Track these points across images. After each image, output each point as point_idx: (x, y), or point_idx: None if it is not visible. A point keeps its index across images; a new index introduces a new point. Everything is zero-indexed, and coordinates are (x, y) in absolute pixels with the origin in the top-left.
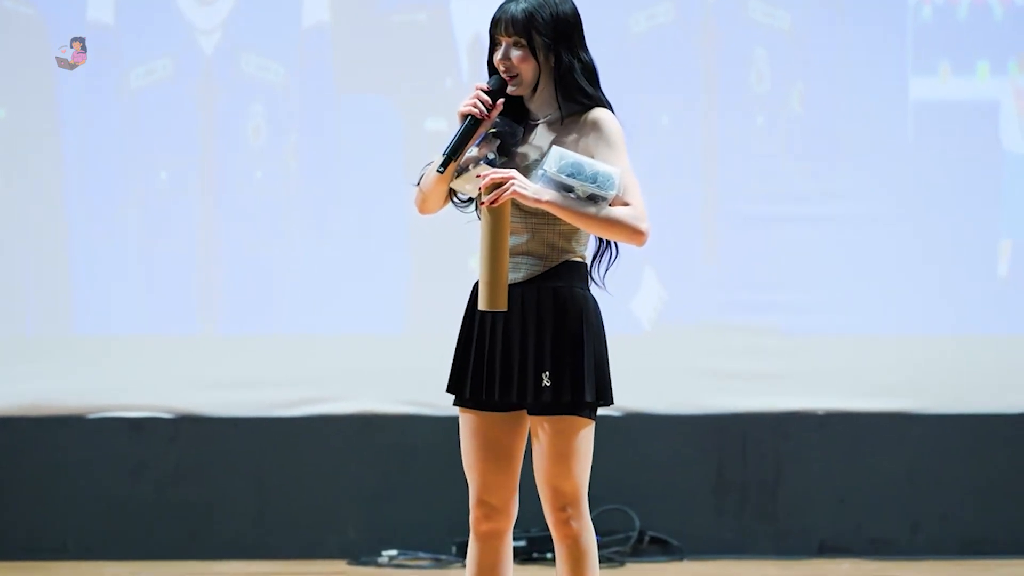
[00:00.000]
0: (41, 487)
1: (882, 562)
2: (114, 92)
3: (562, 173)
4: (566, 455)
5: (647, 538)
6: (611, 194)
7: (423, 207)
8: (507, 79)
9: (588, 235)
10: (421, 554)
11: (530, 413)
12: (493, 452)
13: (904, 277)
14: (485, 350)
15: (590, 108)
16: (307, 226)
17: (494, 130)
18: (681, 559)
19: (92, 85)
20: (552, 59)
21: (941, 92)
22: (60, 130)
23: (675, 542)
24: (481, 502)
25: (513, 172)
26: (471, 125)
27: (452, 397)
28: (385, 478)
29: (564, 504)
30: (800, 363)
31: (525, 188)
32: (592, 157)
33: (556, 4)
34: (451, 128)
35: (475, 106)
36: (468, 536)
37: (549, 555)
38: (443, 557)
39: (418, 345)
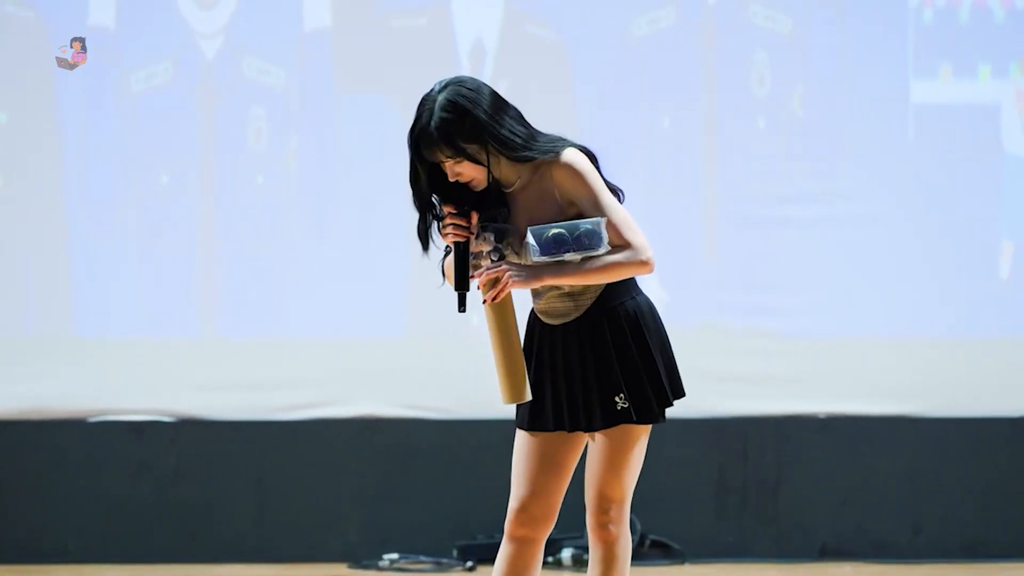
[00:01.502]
0: (42, 490)
1: (883, 565)
2: (115, 95)
3: (546, 255)
4: (621, 462)
5: (648, 541)
6: (602, 249)
7: None
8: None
9: None
10: (422, 557)
11: (596, 430)
12: (550, 467)
13: (905, 279)
14: (547, 381)
15: (547, 157)
16: (308, 229)
17: (484, 228)
18: (682, 562)
19: (93, 88)
20: (487, 144)
21: (942, 94)
22: (61, 133)
23: (676, 545)
24: (524, 507)
25: (504, 265)
26: (464, 251)
27: (450, 400)
28: (386, 481)
29: (608, 508)
30: (801, 365)
31: (521, 276)
32: (574, 205)
33: (455, 102)
34: None
35: (457, 235)
36: (468, 539)
37: (550, 558)
38: (444, 560)
39: (418, 348)
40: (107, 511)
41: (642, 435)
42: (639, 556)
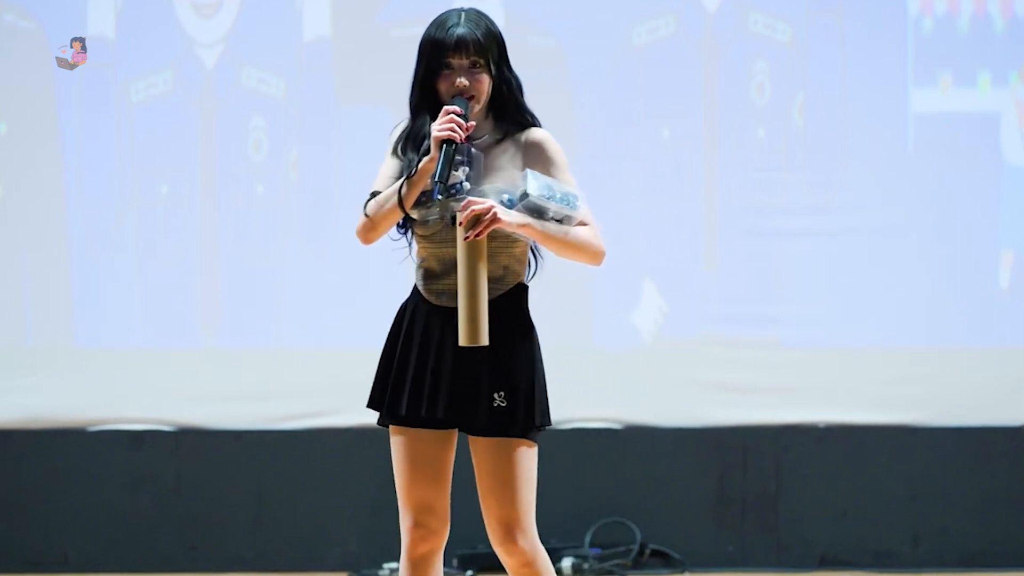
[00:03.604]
0: (42, 499)
1: (883, 575)
2: (115, 105)
3: (542, 195)
4: (513, 480)
5: (648, 551)
6: (579, 213)
7: (370, 236)
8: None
9: (528, 258)
10: None
11: (474, 434)
12: (432, 471)
13: (905, 289)
14: (429, 367)
15: (525, 127)
16: (308, 239)
17: (459, 157)
18: (682, 572)
19: (93, 98)
20: (494, 79)
21: (942, 104)
22: (61, 142)
23: (676, 555)
24: (419, 524)
25: (491, 201)
26: (453, 150)
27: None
28: (386, 490)
29: (513, 530)
30: (801, 376)
31: (507, 216)
32: None
33: (491, 20)
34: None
35: (453, 130)
36: (469, 548)
37: None
38: (445, 570)
39: None
40: (107, 520)
41: (527, 450)
42: (639, 566)
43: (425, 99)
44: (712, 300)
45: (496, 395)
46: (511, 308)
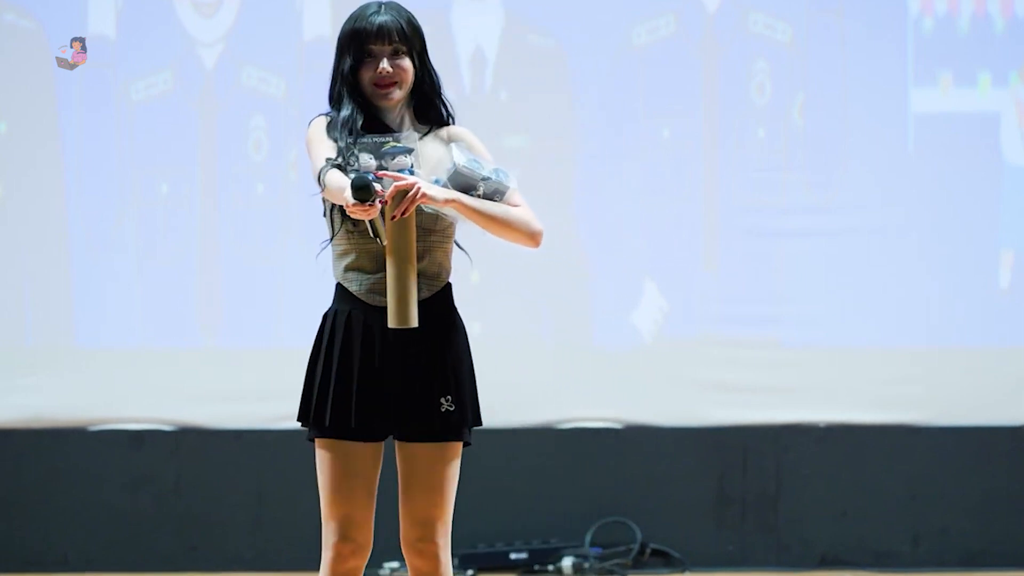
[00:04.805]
0: (42, 499)
1: (883, 575)
2: (115, 104)
3: (469, 168)
4: (442, 483)
5: (648, 550)
6: (511, 188)
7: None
8: (384, 89)
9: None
10: None
11: (413, 440)
12: (363, 485)
13: (905, 289)
14: (367, 376)
15: (443, 124)
16: (307, 238)
17: (408, 147)
18: (683, 571)
19: (93, 97)
20: (417, 69)
21: (942, 104)
22: (61, 142)
23: (676, 554)
24: (347, 538)
25: (414, 178)
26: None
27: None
28: (386, 490)
29: (434, 535)
30: (801, 375)
31: (431, 190)
32: None
33: (411, 13)
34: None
35: (367, 212)
36: (469, 548)
37: (551, 567)
38: None
39: None
40: (107, 520)
41: (459, 453)
42: (639, 565)
43: (349, 91)
44: (712, 300)
45: (443, 400)
46: (445, 306)
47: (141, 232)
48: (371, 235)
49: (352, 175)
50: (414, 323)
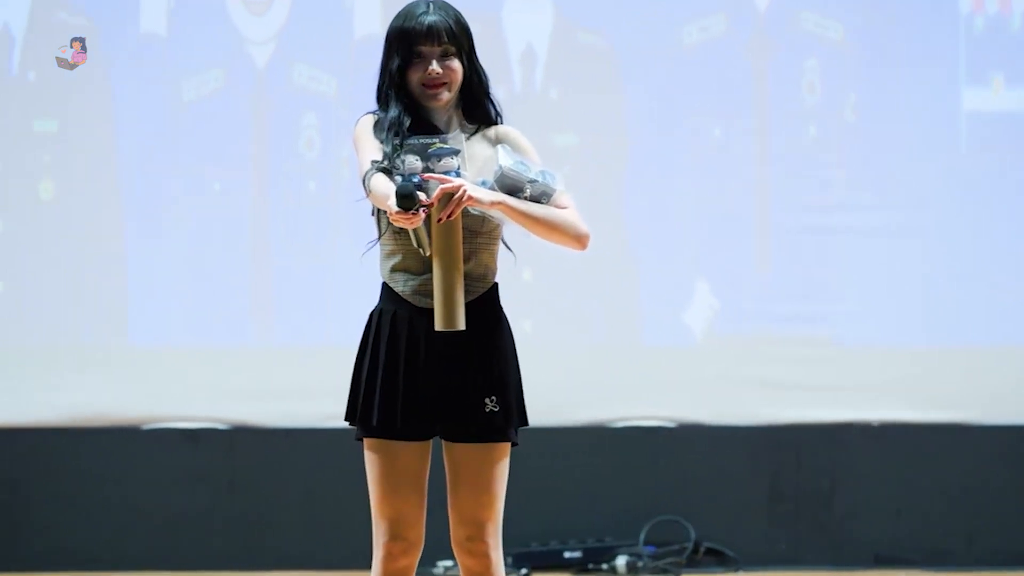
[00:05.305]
0: (96, 498)
1: (938, 574)
2: (167, 103)
3: (516, 170)
4: (489, 483)
5: (702, 549)
6: (557, 190)
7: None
8: (433, 91)
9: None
10: None
11: (460, 440)
12: (412, 484)
13: (957, 288)
14: (415, 376)
15: (491, 124)
16: (359, 236)
17: (454, 148)
18: (736, 570)
19: (145, 96)
20: (466, 68)
21: (994, 103)
22: (114, 141)
23: (730, 553)
24: (398, 537)
25: (461, 180)
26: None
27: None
28: (440, 488)
29: (483, 534)
30: (855, 374)
31: (477, 192)
32: None
33: (459, 12)
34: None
35: (410, 221)
36: (522, 546)
37: (604, 566)
38: None
39: None
40: (162, 519)
41: (507, 453)
42: (693, 564)
43: (396, 91)
44: (764, 298)
45: (488, 400)
46: (492, 307)
47: (194, 230)
48: (414, 244)
49: (397, 181)
50: (461, 326)
